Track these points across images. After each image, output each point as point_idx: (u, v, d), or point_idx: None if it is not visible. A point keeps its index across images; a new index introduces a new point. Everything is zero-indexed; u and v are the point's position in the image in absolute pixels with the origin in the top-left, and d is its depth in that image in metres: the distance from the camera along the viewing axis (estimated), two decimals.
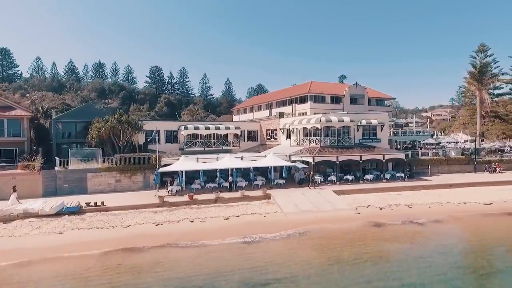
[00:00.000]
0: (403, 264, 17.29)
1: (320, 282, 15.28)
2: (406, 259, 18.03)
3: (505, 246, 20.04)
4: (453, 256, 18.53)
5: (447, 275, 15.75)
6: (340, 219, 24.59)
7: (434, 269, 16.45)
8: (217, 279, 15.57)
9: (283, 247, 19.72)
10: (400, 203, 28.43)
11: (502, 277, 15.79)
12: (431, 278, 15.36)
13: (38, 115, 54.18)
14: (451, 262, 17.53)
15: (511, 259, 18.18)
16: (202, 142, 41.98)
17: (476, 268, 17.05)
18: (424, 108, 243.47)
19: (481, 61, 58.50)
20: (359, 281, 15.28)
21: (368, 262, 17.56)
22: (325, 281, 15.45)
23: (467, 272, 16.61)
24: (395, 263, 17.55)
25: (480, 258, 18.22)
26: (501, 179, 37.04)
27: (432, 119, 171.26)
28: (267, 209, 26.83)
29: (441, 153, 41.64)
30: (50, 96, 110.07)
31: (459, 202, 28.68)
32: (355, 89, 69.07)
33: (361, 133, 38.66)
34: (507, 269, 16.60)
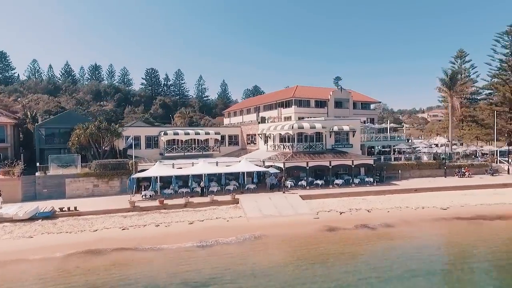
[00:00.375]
0: (341, 267, 18.70)
1: (258, 283, 16.68)
2: (346, 262, 19.44)
3: (440, 250, 21.36)
4: (390, 259, 19.88)
5: (380, 278, 17.16)
6: (298, 223, 25.98)
7: (369, 272, 17.86)
8: (162, 280, 16.99)
9: (234, 251, 21.09)
10: (361, 208, 29.79)
11: (420, 280, 17.13)
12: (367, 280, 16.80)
13: (26, 120, 55.62)
14: (385, 266, 18.90)
15: (439, 263, 19.46)
16: (182, 147, 43.39)
17: (406, 270, 18.35)
18: (421, 109, 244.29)
19: (460, 67, 59.94)
20: (297, 283, 16.68)
21: (310, 265, 18.97)
22: (263, 282, 16.85)
23: (398, 274, 17.93)
24: (334, 266, 18.92)
25: (414, 261, 19.52)
26: (468, 183, 38.32)
27: (428, 120, 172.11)
28: (233, 213, 28.24)
29: (414, 158, 42.92)
30: (45, 98, 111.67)
31: (417, 207, 30.04)
32: (339, 93, 70.41)
33: (334, 139, 40.00)
34: (432, 272, 17.96)
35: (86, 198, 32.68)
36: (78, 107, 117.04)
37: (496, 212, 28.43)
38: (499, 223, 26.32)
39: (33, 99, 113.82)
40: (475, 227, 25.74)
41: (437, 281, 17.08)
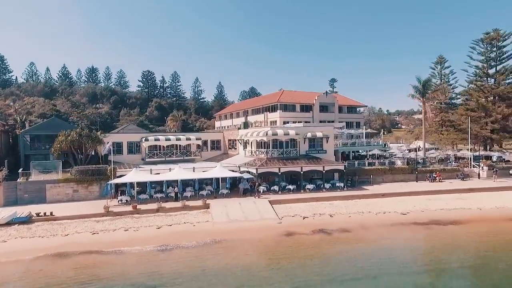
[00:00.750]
0: (288, 270, 20.14)
1: (203, 285, 18.16)
2: (294, 265, 20.89)
3: (388, 256, 22.70)
4: (335, 264, 21.32)
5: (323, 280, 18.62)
6: (261, 228, 27.42)
7: (312, 275, 19.31)
8: (116, 282, 18.51)
9: (191, 255, 22.55)
10: (325, 213, 31.19)
11: (358, 284, 18.56)
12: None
13: (16, 125, 57.27)
14: (328, 269, 20.35)
15: (376, 268, 20.83)
16: (163, 153, 44.90)
17: (348, 273, 19.78)
18: (419, 110, 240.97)
19: (440, 72, 61.30)
20: (240, 285, 18.14)
21: (258, 268, 20.42)
22: (213, 283, 18.34)
23: (338, 278, 19.34)
24: (281, 269, 20.35)
25: (357, 266, 20.94)
26: (436, 188, 39.64)
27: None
28: (201, 218, 29.69)
29: (387, 163, 44.27)
30: (40, 102, 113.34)
31: (379, 212, 31.42)
32: (325, 98, 71.96)
33: (308, 145, 41.40)
34: (371, 276, 19.38)
35: (66, 203, 34.25)
36: (73, 109, 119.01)
37: (451, 217, 29.75)
38: (451, 228, 27.65)
39: (29, 102, 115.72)
40: (427, 232, 27.07)
41: (373, 285, 18.44)
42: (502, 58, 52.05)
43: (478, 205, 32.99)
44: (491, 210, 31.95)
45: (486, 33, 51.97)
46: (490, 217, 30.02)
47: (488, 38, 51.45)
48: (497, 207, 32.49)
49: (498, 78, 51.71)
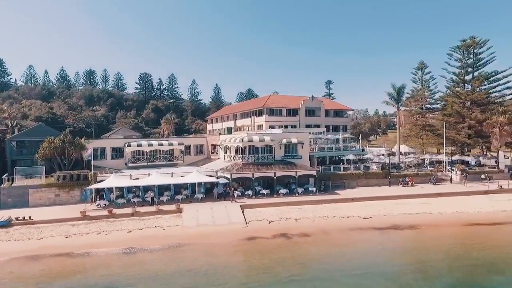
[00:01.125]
0: (240, 272, 21.67)
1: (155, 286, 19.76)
2: (247, 269, 22.42)
3: (334, 260, 24.11)
4: (286, 267, 22.82)
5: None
6: (226, 232, 28.91)
7: (263, 277, 20.85)
8: (77, 282, 20.13)
9: (153, 257, 24.14)
10: (292, 217, 32.68)
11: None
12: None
13: (7, 130, 59.07)
14: (278, 272, 21.87)
15: (326, 270, 22.31)
16: (146, 158, 46.56)
17: (293, 275, 21.29)
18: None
19: (421, 78, 62.65)
20: (191, 286, 19.72)
21: (214, 271, 21.94)
22: (164, 285, 19.91)
23: (285, 280, 20.85)
24: (235, 272, 21.88)
25: (304, 269, 22.45)
26: (406, 192, 41.05)
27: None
28: (172, 222, 31.25)
29: (362, 168, 45.68)
30: (37, 105, 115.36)
31: (343, 217, 32.87)
32: (311, 102, 73.40)
33: (283, 150, 42.87)
34: (316, 278, 20.89)
35: (48, 207, 35.94)
36: (70, 112, 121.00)
37: (410, 222, 31.16)
38: (406, 233, 29.10)
39: (26, 104, 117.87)
40: (381, 236, 28.43)
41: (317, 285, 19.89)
42: (478, 64, 53.28)
43: (440, 210, 34.39)
44: (451, 215, 33.34)
45: (462, 40, 53.24)
46: (448, 222, 31.40)
47: (464, 45, 52.71)
48: (458, 212, 33.87)
49: (473, 84, 52.98)
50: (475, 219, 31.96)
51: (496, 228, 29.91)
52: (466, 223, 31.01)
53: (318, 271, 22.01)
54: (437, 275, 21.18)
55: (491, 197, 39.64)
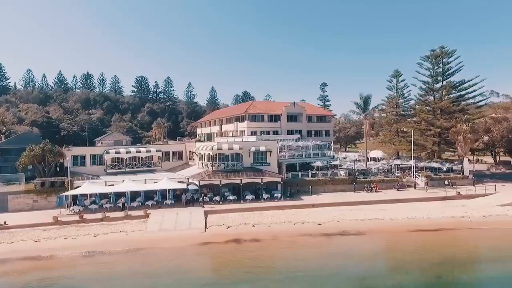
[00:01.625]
0: (183, 276, 23.92)
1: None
2: (191, 273, 24.65)
3: (274, 264, 26.25)
4: (227, 271, 25.04)
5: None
6: (184, 237, 31.07)
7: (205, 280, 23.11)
8: (35, 283, 22.48)
9: (109, 260, 26.47)
10: (250, 223, 34.79)
11: None
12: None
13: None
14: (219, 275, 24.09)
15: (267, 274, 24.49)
16: (124, 164, 48.93)
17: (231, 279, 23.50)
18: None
19: (396, 85, 64.60)
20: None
21: (160, 274, 24.20)
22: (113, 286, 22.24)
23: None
24: (178, 276, 24.13)
25: (241, 272, 24.65)
26: (368, 198, 43.03)
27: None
28: (137, 227, 33.52)
29: (330, 174, 47.76)
30: (34, 109, 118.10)
31: (298, 222, 34.91)
32: (292, 108, 75.41)
33: (252, 158, 45.01)
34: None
35: (26, 212, 38.39)
36: (65, 116, 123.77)
37: (360, 228, 33.12)
38: (352, 239, 31.08)
39: (23, 109, 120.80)
40: (326, 242, 30.37)
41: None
42: (447, 74, 55.12)
43: (392, 216, 36.35)
44: (401, 221, 35.28)
45: (432, 50, 55.15)
46: (395, 228, 33.30)
47: (434, 55, 54.61)
48: (408, 218, 35.80)
49: (441, 92, 54.87)
50: (422, 225, 33.92)
51: (437, 234, 31.84)
52: (412, 229, 32.96)
53: (243, 274, 24.13)
54: (357, 279, 23.27)
55: (447, 203, 41.53)
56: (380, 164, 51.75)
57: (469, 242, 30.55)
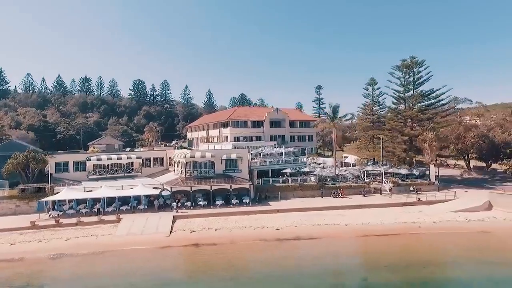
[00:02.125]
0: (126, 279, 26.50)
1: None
2: (136, 276, 27.23)
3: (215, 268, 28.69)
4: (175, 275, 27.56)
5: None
6: (148, 241, 33.47)
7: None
8: (4, 282, 25.21)
9: (73, 262, 29.13)
10: (213, 227, 37.19)
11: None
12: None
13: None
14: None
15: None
16: (106, 171, 51.68)
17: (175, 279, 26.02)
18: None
19: (372, 93, 66.83)
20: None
21: (110, 277, 26.73)
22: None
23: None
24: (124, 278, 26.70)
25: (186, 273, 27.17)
26: (333, 204, 45.28)
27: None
28: (107, 231, 36.11)
29: (299, 180, 50.15)
30: (31, 113, 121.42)
31: (258, 227, 37.20)
32: (275, 114, 77.96)
33: (225, 165, 47.51)
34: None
35: (9, 216, 41.22)
36: (62, 119, 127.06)
37: (314, 233, 35.30)
38: (303, 243, 33.41)
39: (22, 112, 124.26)
40: (278, 246, 32.72)
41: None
42: (417, 83, 57.26)
43: (348, 222, 38.58)
44: (356, 226, 37.48)
45: (403, 60, 57.30)
46: (348, 233, 35.50)
47: (404, 65, 56.76)
48: (363, 223, 38.00)
49: (410, 101, 57.06)
50: (373, 230, 36.13)
51: (383, 239, 34.01)
52: (361, 234, 35.21)
53: (191, 275, 26.66)
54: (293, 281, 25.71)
55: (406, 208, 43.66)
56: (349, 170, 53.95)
57: (408, 246, 32.64)
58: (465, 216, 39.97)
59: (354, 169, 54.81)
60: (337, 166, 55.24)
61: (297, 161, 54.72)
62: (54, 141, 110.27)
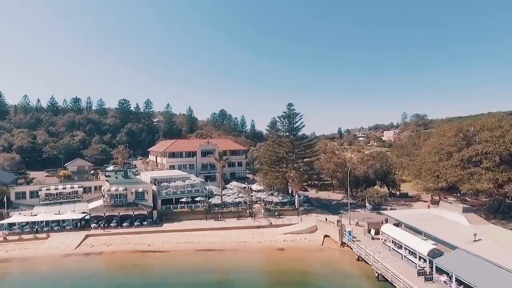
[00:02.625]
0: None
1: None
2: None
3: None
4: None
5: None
6: (58, 253, 51.40)
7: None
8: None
9: (3, 265, 47.19)
10: (107, 243, 54.81)
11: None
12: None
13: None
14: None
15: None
16: (53, 198, 70.10)
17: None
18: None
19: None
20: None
21: (26, 274, 44.78)
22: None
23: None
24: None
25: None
26: (208, 226, 62.51)
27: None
28: (36, 245, 54.14)
29: (193, 206, 67.65)
30: (23, 134, 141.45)
31: (137, 243, 54.84)
32: (206, 146, 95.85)
33: (135, 196, 65.32)
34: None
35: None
36: (51, 139, 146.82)
37: (168, 248, 52.68)
38: (155, 255, 50.77)
39: (16, 134, 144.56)
40: (138, 257, 50.22)
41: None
42: (295, 128, 74.70)
43: (203, 240, 55.74)
44: (199, 244, 53.83)
45: (284, 112, 74.84)
46: (189, 248, 52.38)
47: (285, 115, 74.18)
48: (211, 242, 54.92)
49: (287, 143, 74.52)
50: (205, 246, 52.85)
51: (203, 253, 50.89)
52: (195, 249, 51.89)
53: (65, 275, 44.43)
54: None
55: (257, 230, 60.46)
56: (232, 197, 71.22)
57: (217, 260, 49.46)
58: (290, 237, 56.78)
59: (241, 196, 72.03)
60: (243, 191, 72.56)
61: (198, 190, 72.17)
62: (40, 159, 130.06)
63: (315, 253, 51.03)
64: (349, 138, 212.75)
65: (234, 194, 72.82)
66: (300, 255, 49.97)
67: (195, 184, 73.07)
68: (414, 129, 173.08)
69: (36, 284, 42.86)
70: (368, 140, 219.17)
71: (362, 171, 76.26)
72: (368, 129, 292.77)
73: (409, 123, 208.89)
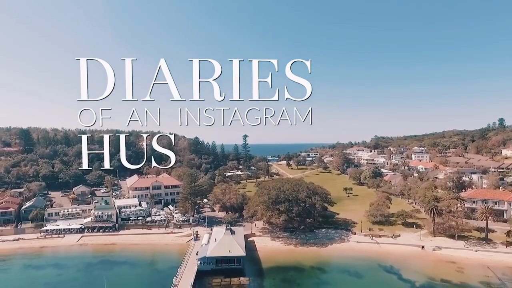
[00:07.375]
0: None
1: None
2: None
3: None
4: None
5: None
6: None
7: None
8: None
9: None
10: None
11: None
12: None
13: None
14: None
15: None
16: (66, 216, 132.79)
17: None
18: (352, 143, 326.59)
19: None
20: None
21: None
22: None
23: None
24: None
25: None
26: (143, 232, 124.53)
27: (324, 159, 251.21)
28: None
29: (134, 222, 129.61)
30: (45, 164, 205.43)
31: (104, 240, 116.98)
32: (156, 182, 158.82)
33: (107, 216, 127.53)
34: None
35: None
36: (64, 167, 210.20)
37: (117, 242, 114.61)
38: (114, 246, 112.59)
39: (40, 163, 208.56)
40: (61, 256, 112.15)
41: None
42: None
43: (125, 239, 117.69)
44: (126, 241, 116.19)
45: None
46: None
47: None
48: (128, 240, 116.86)
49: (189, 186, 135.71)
50: (137, 242, 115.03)
51: (137, 246, 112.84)
52: (134, 243, 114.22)
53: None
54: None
55: (166, 235, 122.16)
56: (160, 217, 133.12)
57: (145, 248, 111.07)
58: (178, 238, 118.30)
59: (165, 216, 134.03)
60: (168, 212, 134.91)
61: (145, 212, 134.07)
62: (56, 183, 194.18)
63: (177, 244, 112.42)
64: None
65: (162, 215, 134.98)
66: (181, 247, 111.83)
67: (141, 209, 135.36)
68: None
69: (58, 254, 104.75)
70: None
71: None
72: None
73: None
